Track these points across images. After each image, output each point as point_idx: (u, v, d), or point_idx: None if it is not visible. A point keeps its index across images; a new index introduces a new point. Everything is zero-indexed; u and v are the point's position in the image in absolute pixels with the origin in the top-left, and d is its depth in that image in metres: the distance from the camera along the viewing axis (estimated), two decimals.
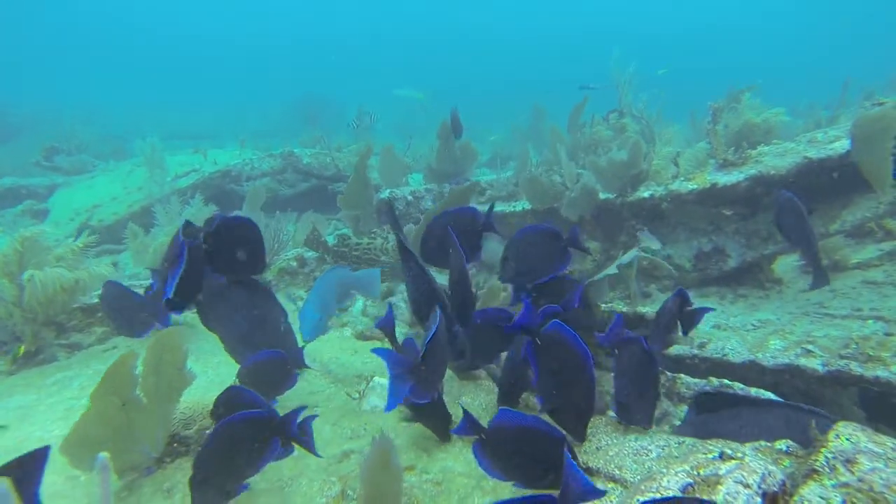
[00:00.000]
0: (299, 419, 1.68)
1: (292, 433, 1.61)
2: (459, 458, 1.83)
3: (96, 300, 3.35)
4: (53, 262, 3.06)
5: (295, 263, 4.24)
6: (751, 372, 2.78)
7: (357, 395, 2.30)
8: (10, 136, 11.03)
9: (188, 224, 2.12)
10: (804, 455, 1.37)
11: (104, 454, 1.12)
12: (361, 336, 3.34)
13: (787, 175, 3.44)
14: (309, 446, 1.65)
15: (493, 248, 5.28)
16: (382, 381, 2.33)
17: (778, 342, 2.83)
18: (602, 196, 4.31)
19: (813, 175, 3.47)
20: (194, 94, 20.45)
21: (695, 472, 0.95)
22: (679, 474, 0.96)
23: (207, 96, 19.84)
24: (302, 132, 9.92)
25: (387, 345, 2.09)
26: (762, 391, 2.48)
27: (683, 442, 1.64)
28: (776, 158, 3.59)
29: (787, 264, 4.06)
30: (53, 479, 1.76)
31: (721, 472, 0.92)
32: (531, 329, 1.89)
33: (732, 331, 3.16)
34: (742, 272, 3.70)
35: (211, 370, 2.77)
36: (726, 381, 2.42)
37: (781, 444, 1.51)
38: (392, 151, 5.64)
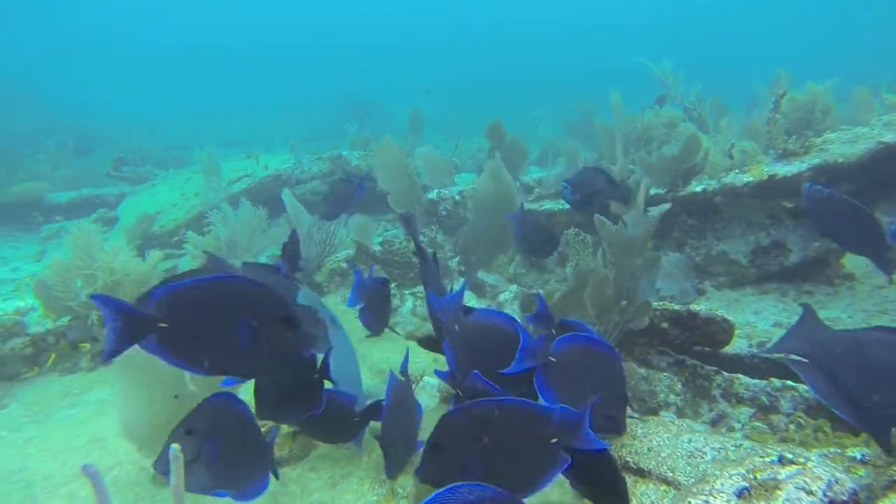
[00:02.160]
0: None
1: None
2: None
3: None
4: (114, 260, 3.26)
5: (345, 265, 4.34)
6: None
7: None
8: (88, 151, 11.82)
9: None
10: (884, 465, 1.29)
11: (175, 446, 1.19)
12: (412, 336, 3.38)
13: (857, 163, 3.24)
14: None
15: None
16: (432, 381, 2.36)
17: None
18: (651, 192, 4.20)
19: (890, 162, 3.25)
20: (245, 103, 21.22)
21: (751, 476, 0.91)
22: (734, 477, 0.93)
23: (257, 105, 20.55)
24: (350, 135, 10.16)
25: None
26: None
27: (741, 445, 1.58)
28: (845, 146, 3.38)
29: (861, 258, 3.83)
30: (128, 469, 1.87)
31: (780, 477, 0.88)
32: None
33: None
34: (806, 267, 3.52)
35: None
36: (790, 382, 2.31)
37: (855, 452, 1.43)
38: (432, 151, 5.66)
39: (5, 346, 3.08)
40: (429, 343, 2.22)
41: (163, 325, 1.30)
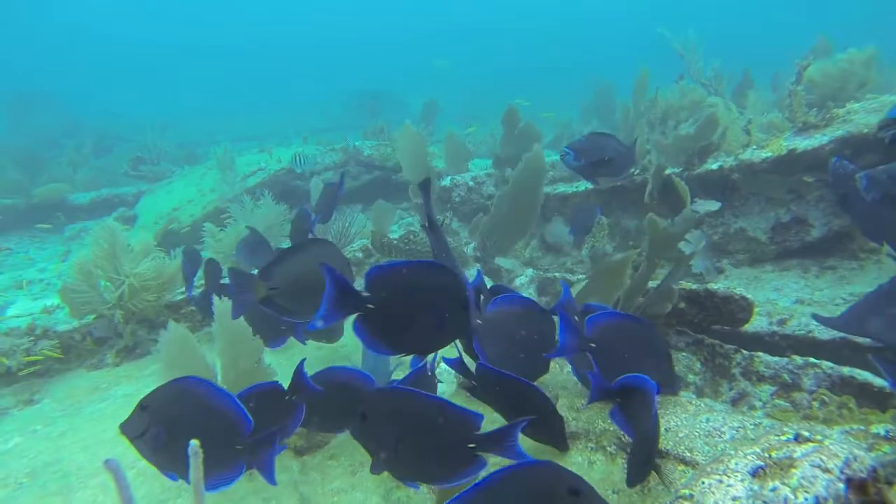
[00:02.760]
0: None
1: None
2: (524, 442, 1.84)
3: (180, 297, 3.62)
4: (138, 259, 3.33)
5: (361, 254, 4.36)
6: (843, 350, 2.58)
7: None
8: (107, 150, 12.03)
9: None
10: None
11: (194, 441, 1.22)
12: None
13: None
14: None
15: (558, 230, 5.22)
16: (445, 366, 2.37)
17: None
18: (668, 170, 4.13)
19: None
20: (259, 99, 21.35)
21: (766, 455, 0.90)
22: (748, 456, 0.91)
23: (271, 100, 20.66)
24: (362, 126, 10.17)
25: None
26: (856, 370, 2.29)
27: (760, 423, 1.56)
28: (871, 115, 3.27)
29: None
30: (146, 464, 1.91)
31: (796, 455, 0.86)
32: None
33: (819, 305, 2.95)
34: (829, 242, 3.43)
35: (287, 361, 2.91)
36: (812, 359, 2.27)
37: (880, 428, 1.39)
38: (455, 137, 5.66)
39: (36, 347, 3.16)
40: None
41: (371, 305, 1.41)
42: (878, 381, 2.11)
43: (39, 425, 2.58)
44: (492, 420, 2.01)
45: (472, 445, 1.42)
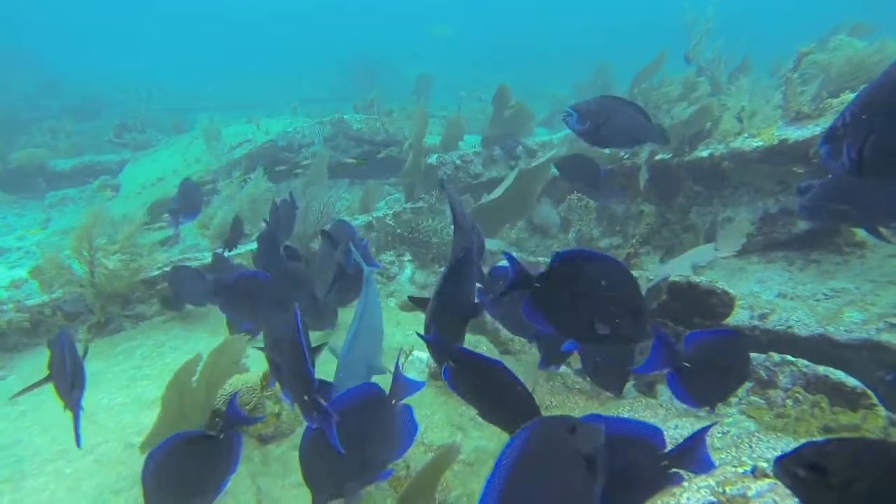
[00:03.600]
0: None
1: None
2: (493, 438, 1.81)
3: (156, 272, 3.54)
4: (118, 245, 3.23)
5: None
6: (820, 346, 2.56)
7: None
8: (95, 115, 11.68)
9: None
10: None
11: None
12: (406, 306, 3.34)
13: None
14: None
15: (545, 210, 5.15)
16: (422, 355, 2.32)
17: (855, 314, 2.58)
18: (657, 157, 4.06)
19: None
20: (253, 64, 20.85)
21: (720, 490, 0.85)
22: (702, 490, 0.87)
23: (265, 66, 20.19)
24: (356, 97, 9.97)
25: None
26: (831, 370, 2.27)
27: (728, 432, 1.52)
28: None
29: None
30: (114, 447, 1.86)
31: (750, 494, 0.82)
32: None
33: (800, 300, 2.92)
34: (815, 235, 3.39)
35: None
36: (789, 357, 2.24)
37: None
38: (459, 122, 5.47)
39: (3, 319, 3.09)
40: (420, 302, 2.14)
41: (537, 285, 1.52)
42: (852, 381, 2.09)
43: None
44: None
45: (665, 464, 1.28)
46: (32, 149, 7.82)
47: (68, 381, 1.71)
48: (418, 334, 1.80)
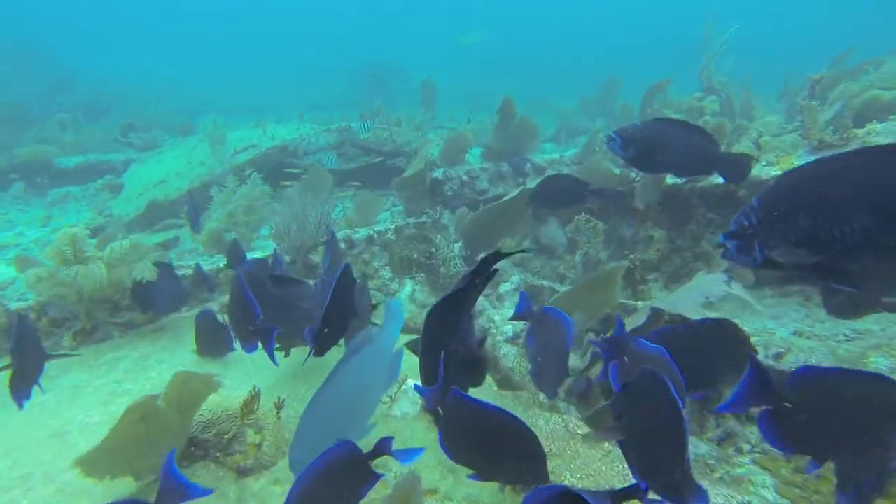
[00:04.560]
0: None
1: None
2: (486, 486, 1.67)
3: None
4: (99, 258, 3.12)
5: (343, 245, 4.16)
6: None
7: (388, 399, 2.18)
8: (102, 114, 11.69)
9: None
10: None
11: None
12: (405, 328, 3.19)
13: None
14: None
15: (552, 230, 5.02)
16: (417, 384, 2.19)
17: (881, 360, 2.42)
18: (669, 180, 3.93)
19: None
20: (265, 67, 20.94)
21: None
22: None
23: (277, 69, 20.26)
24: (365, 103, 9.92)
25: None
26: None
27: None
28: (890, 138, 3.05)
29: None
30: (79, 475, 1.74)
31: None
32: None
33: (819, 340, 2.76)
34: None
35: (222, 376, 2.67)
36: None
37: None
38: (463, 137, 5.35)
39: None
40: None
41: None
42: None
43: None
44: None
45: None
46: (38, 145, 7.78)
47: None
48: (416, 387, 1.65)
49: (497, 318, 3.26)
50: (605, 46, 21.97)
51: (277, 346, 2.55)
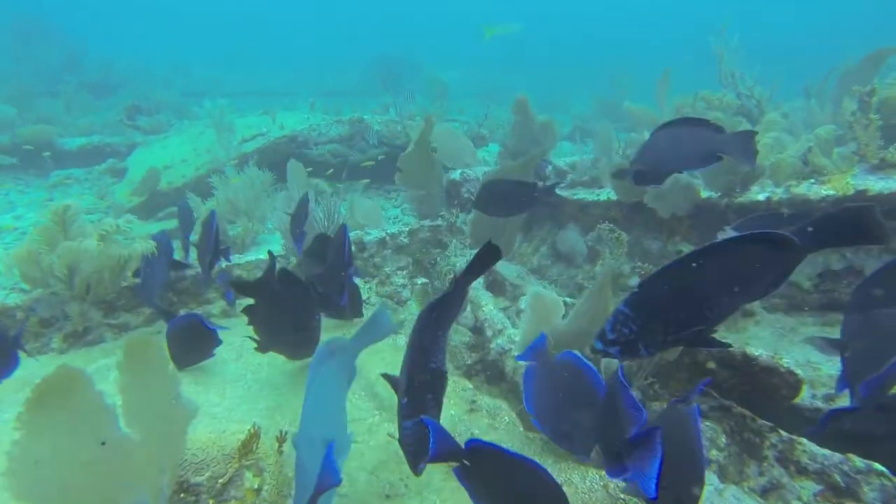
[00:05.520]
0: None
1: None
2: None
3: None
4: (96, 236, 2.92)
5: (353, 248, 3.93)
6: None
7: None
8: (108, 93, 11.45)
9: None
10: None
11: None
12: None
13: None
14: None
15: (572, 237, 4.79)
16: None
17: None
18: (704, 194, 3.68)
19: None
20: (280, 51, 20.66)
21: None
22: None
23: (290, 53, 19.98)
24: (378, 93, 9.67)
25: None
26: None
27: None
28: None
29: None
30: None
31: None
32: None
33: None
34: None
35: (219, 396, 2.41)
36: (878, 465, 1.87)
37: None
38: (450, 130, 5.01)
39: None
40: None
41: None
42: None
43: None
44: None
45: None
46: (41, 124, 7.57)
47: None
48: (424, 419, 1.46)
49: (519, 338, 3.05)
50: (626, 45, 21.56)
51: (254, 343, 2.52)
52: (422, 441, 1.47)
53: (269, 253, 2.61)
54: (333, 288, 2.61)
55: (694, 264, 1.52)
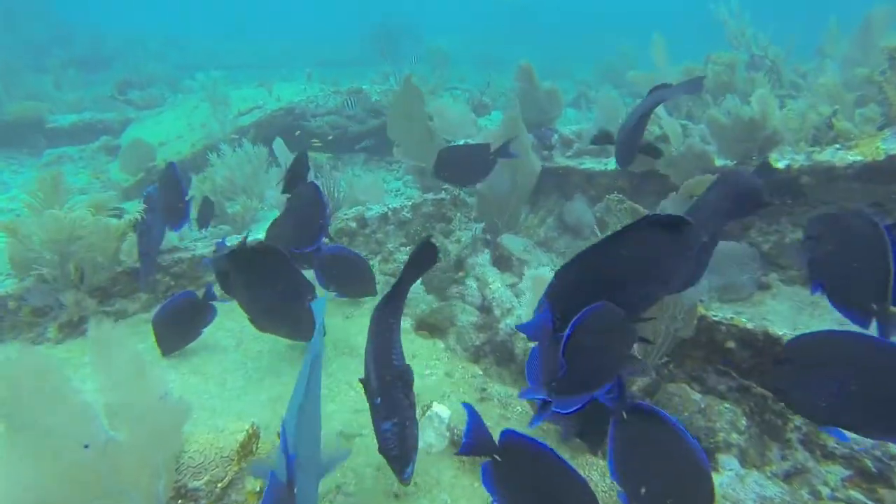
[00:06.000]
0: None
1: None
2: None
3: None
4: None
5: (354, 224, 3.81)
6: None
7: None
8: (101, 67, 11.13)
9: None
10: None
11: None
12: (423, 324, 2.87)
13: None
14: None
15: (579, 208, 4.64)
16: (443, 412, 1.88)
17: None
18: (718, 162, 3.52)
19: None
20: (276, 20, 20.10)
21: None
22: None
23: (286, 25, 19.44)
24: (376, 62, 9.35)
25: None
26: None
27: None
28: None
29: None
30: None
31: None
32: None
33: None
34: None
35: (220, 387, 2.31)
36: None
37: None
38: (446, 105, 4.76)
39: None
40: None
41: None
42: None
43: None
44: None
45: None
46: (30, 101, 7.36)
47: None
48: (464, 405, 1.39)
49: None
50: (631, 12, 20.86)
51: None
52: (405, 443, 1.38)
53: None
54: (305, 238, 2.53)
55: (600, 251, 1.49)
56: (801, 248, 1.82)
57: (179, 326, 2.48)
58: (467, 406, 1.46)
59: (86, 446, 1.36)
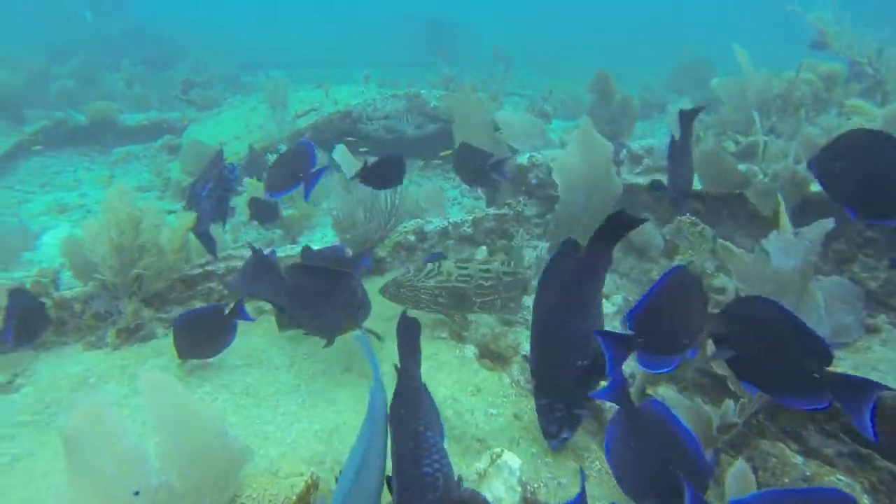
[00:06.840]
0: None
1: None
2: None
3: (198, 271, 3.09)
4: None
5: (413, 237, 3.67)
6: None
7: (475, 476, 1.71)
8: (169, 64, 11.50)
9: None
10: None
11: None
12: (488, 353, 2.66)
13: None
14: None
15: (647, 229, 4.35)
16: (513, 462, 1.69)
17: None
18: (814, 188, 3.19)
19: None
20: (340, 16, 20.38)
21: None
22: None
23: (353, 19, 19.65)
24: (433, 64, 9.27)
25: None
26: None
27: None
28: None
29: None
30: None
31: None
32: None
33: None
34: None
35: (272, 412, 2.20)
36: None
37: None
38: (513, 115, 4.58)
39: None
40: None
41: None
42: None
43: None
44: None
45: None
46: (104, 102, 7.65)
47: None
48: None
49: None
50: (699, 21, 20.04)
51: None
52: None
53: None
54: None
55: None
56: None
57: (197, 336, 2.42)
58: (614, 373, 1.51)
59: (136, 493, 1.25)
